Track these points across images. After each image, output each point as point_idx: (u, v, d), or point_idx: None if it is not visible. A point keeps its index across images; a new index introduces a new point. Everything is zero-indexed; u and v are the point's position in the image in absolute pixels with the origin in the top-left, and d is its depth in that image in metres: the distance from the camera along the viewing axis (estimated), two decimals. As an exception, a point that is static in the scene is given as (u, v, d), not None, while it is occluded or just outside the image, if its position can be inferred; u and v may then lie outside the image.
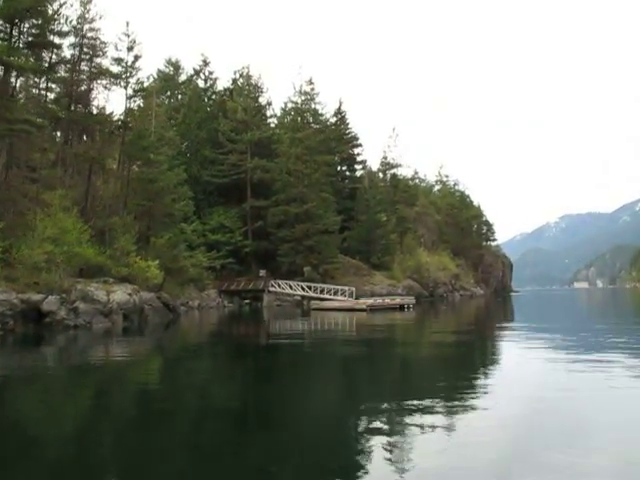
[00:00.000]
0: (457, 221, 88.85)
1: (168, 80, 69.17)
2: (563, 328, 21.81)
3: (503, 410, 7.27)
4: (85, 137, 33.64)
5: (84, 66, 31.67)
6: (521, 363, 11.57)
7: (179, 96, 66.94)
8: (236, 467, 5.41)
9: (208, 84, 66.91)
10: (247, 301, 48.87)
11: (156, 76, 68.04)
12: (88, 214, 28.61)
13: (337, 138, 70.87)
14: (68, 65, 31.69)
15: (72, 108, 31.68)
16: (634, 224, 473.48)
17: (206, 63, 67.97)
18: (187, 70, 69.39)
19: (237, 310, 43.63)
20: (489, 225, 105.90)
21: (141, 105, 36.72)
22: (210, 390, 9.96)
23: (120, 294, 23.50)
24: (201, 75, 67.74)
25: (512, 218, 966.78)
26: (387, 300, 39.91)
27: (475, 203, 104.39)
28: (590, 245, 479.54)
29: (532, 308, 44.18)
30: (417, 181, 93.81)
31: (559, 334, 18.00)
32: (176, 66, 71.60)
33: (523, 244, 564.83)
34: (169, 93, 69.02)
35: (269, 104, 65.05)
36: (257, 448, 5.96)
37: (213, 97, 66.22)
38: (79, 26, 31.09)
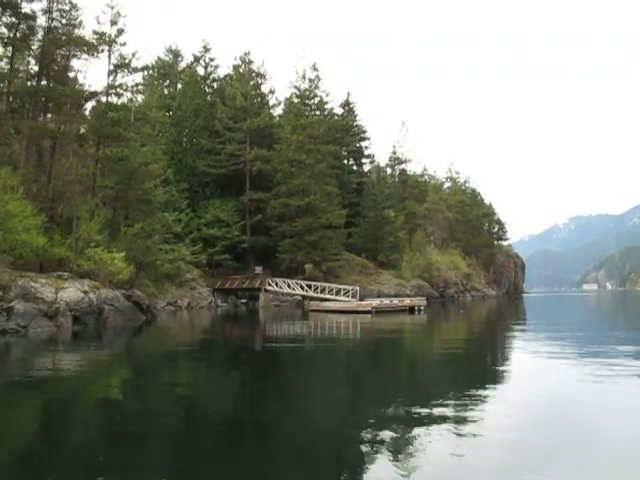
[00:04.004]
0: (468, 219, 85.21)
1: (167, 68, 66.18)
2: (602, 338, 17.96)
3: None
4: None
5: (58, 35, 28.09)
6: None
7: (178, 85, 63.76)
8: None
9: (208, 71, 63.42)
10: (243, 300, 45.38)
11: (155, 64, 65.14)
12: (55, 198, 25.07)
13: (344, 129, 67.57)
14: (40, 34, 28.21)
15: (43, 81, 28.19)
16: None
17: (207, 49, 64.46)
18: (188, 58, 66.39)
19: (231, 310, 40.15)
20: (501, 224, 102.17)
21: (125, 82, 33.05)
22: (172, 423, 7.16)
23: (72, 291, 19.69)
24: (201, 62, 64.34)
25: (521, 219, 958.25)
26: (395, 301, 36.13)
27: (486, 202, 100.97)
28: (599, 247, 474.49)
29: (553, 312, 40.26)
30: (427, 177, 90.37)
31: (600, 345, 14.33)
32: (176, 54, 68.47)
33: (532, 245, 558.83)
34: (168, 82, 66.08)
35: (272, 92, 61.46)
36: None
37: (214, 85, 62.74)
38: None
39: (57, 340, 16.67)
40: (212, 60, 63.54)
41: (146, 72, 57.36)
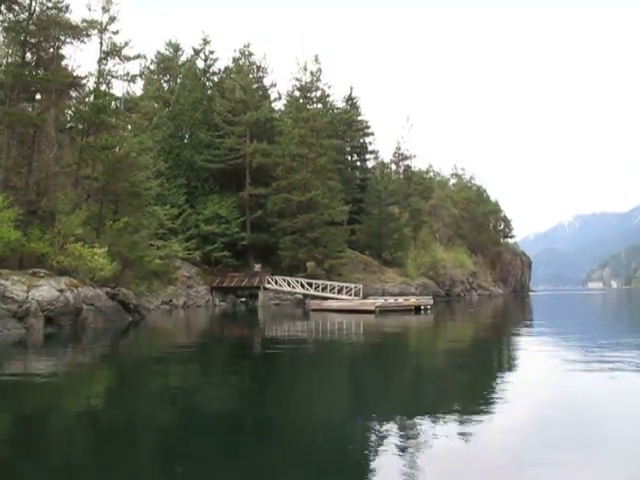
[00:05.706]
0: (474, 216, 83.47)
1: (167, 62, 64.88)
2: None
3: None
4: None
5: (43, 17, 26.56)
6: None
7: (178, 79, 62.38)
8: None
9: (208, 64, 61.93)
10: (242, 299, 43.89)
11: (155, 58, 63.90)
12: (39, 191, 23.58)
13: (347, 124, 65.97)
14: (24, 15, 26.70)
15: (27, 66, 26.68)
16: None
17: (206, 42, 63.00)
18: (188, 52, 65.01)
19: (230, 309, 38.70)
20: (507, 221, 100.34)
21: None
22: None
23: (45, 290, 18.14)
24: (201, 55, 62.89)
25: (525, 218, 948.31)
26: (400, 300, 34.53)
27: (492, 199, 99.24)
28: (604, 245, 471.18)
29: (562, 311, 38.64)
30: (432, 174, 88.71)
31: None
32: (176, 47, 67.10)
33: (536, 244, 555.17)
34: (168, 76, 64.77)
35: (273, 85, 59.93)
36: None
37: (214, 78, 61.27)
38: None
39: (26, 343, 15.16)
40: (212, 53, 62.05)
41: (143, 65, 56.31)
